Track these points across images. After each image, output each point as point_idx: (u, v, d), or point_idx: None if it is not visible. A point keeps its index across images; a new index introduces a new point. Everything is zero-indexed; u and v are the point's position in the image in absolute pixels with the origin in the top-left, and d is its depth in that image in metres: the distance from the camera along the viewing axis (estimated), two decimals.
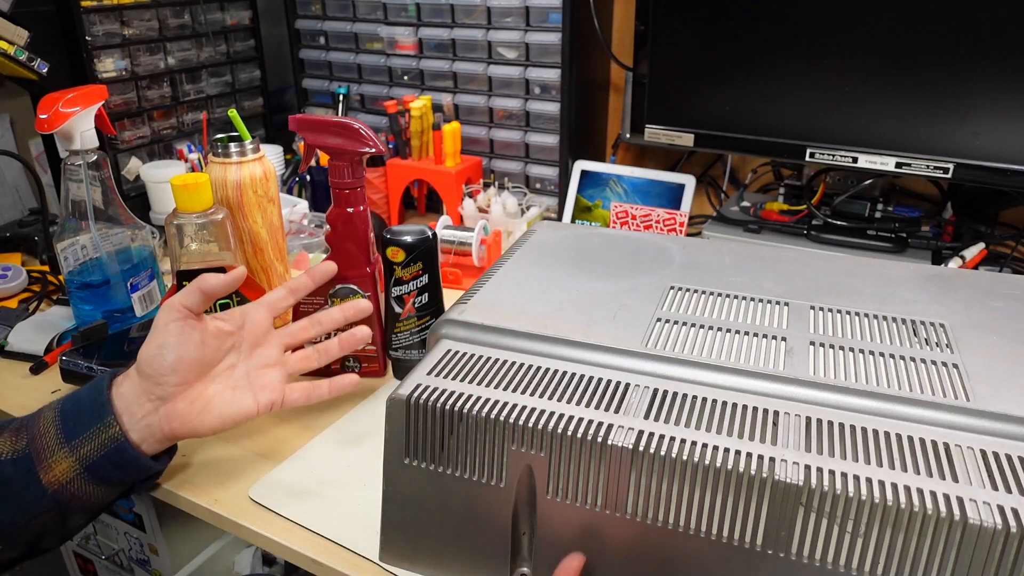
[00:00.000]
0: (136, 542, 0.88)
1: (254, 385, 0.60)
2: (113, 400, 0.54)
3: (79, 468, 0.52)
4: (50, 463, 0.52)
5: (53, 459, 0.52)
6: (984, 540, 0.37)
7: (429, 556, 0.51)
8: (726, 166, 1.20)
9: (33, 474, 0.51)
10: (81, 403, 0.54)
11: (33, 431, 0.53)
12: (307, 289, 0.65)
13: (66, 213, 0.78)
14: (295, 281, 0.64)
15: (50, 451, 0.52)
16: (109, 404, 0.54)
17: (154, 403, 0.55)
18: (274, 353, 0.62)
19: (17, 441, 0.53)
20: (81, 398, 0.55)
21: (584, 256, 0.66)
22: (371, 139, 0.69)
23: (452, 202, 1.14)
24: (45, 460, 0.52)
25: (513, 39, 1.12)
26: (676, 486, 0.42)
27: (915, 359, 0.49)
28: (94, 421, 0.53)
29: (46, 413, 0.54)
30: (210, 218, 0.70)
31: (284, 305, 0.63)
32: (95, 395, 0.54)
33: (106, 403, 0.54)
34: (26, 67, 1.00)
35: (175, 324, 0.56)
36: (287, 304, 0.64)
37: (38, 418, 0.54)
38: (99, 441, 0.53)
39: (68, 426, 0.53)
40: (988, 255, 0.96)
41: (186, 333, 0.56)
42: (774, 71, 0.95)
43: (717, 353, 0.50)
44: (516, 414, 0.45)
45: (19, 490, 0.52)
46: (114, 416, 0.53)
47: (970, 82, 0.85)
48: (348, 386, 0.63)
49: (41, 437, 0.52)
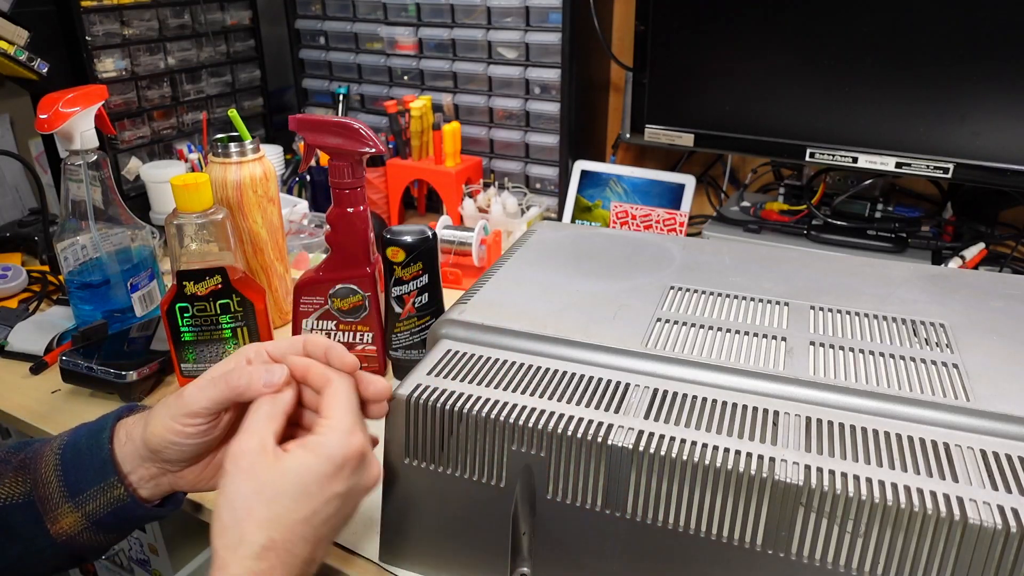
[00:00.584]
0: (136, 542, 0.88)
1: None
2: (116, 459, 0.50)
3: (87, 522, 0.49)
4: (56, 515, 0.49)
5: (59, 512, 0.49)
6: (984, 540, 0.37)
7: (429, 556, 0.51)
8: (726, 166, 1.20)
9: (40, 524, 0.49)
10: (82, 455, 0.50)
11: (35, 477, 0.50)
12: None
13: (66, 213, 0.78)
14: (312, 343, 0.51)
15: (54, 503, 0.49)
16: (112, 463, 0.49)
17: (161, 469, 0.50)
18: None
19: (21, 484, 0.50)
20: (81, 449, 0.50)
21: (584, 256, 0.66)
22: (371, 139, 0.69)
23: (452, 202, 1.14)
24: (51, 512, 0.49)
25: (513, 39, 1.12)
26: (676, 486, 0.42)
27: (915, 359, 0.49)
28: (97, 479, 0.49)
29: (47, 457, 0.50)
30: (210, 218, 0.70)
31: None
32: (96, 449, 0.50)
33: (108, 461, 0.49)
34: (26, 67, 1.00)
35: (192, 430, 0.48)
36: None
37: (39, 462, 0.50)
38: (105, 499, 0.49)
39: (70, 480, 0.49)
40: (988, 255, 0.96)
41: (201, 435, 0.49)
42: (774, 71, 0.95)
43: (717, 353, 0.50)
44: (516, 414, 0.45)
45: (28, 538, 0.49)
46: (118, 477, 0.49)
47: (970, 82, 0.85)
48: None
49: (44, 486, 0.49)
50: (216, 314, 0.70)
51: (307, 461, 0.42)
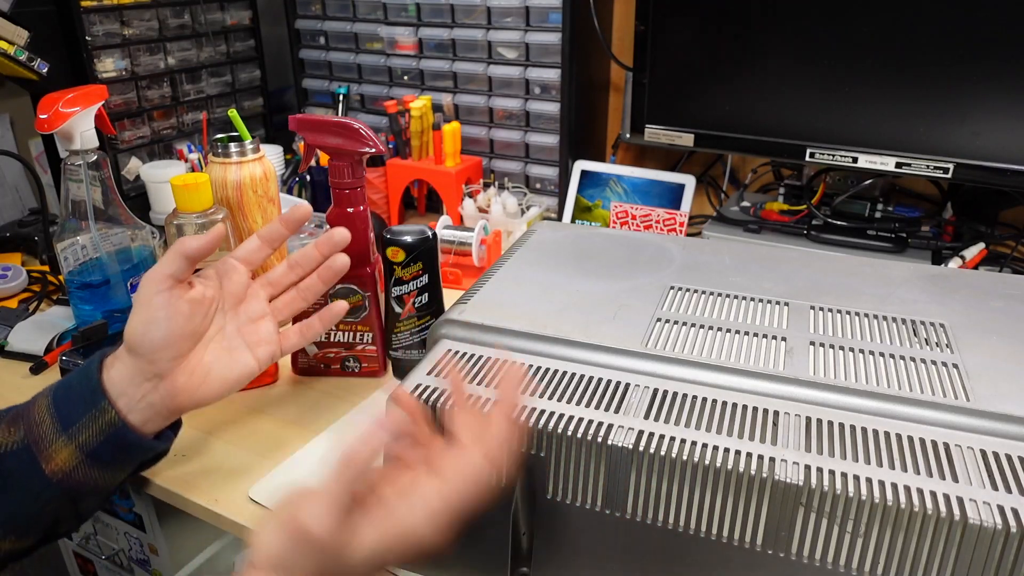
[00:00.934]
0: (136, 542, 0.88)
1: (249, 341, 0.58)
2: (105, 384, 0.52)
3: (81, 455, 0.51)
4: (50, 452, 0.50)
5: (52, 448, 0.50)
6: (984, 540, 0.37)
7: None
8: (726, 166, 1.20)
9: (35, 465, 0.50)
10: (72, 389, 0.52)
11: (28, 421, 0.51)
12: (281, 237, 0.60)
13: (66, 213, 0.78)
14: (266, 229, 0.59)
15: (48, 441, 0.50)
16: (101, 388, 0.51)
17: (152, 382, 0.52)
18: (260, 306, 0.59)
19: (13, 433, 0.51)
20: (72, 384, 0.52)
21: (584, 256, 0.66)
22: (371, 139, 0.69)
23: (452, 202, 1.14)
24: (45, 450, 0.50)
25: (513, 39, 1.12)
26: (676, 486, 0.42)
27: (915, 359, 0.49)
28: (88, 408, 0.51)
29: (39, 401, 0.52)
30: (210, 218, 0.70)
31: (260, 256, 0.59)
32: (86, 380, 0.52)
33: (97, 387, 0.51)
34: (26, 67, 1.00)
35: (161, 296, 0.52)
36: (263, 255, 0.59)
37: (32, 408, 0.52)
38: (97, 427, 0.51)
39: (63, 414, 0.51)
40: (988, 255, 0.96)
41: (173, 305, 0.52)
42: (774, 71, 0.95)
43: (717, 353, 0.50)
44: (516, 414, 0.45)
45: (23, 482, 0.50)
46: (108, 401, 0.51)
47: (970, 82, 0.85)
48: (339, 314, 0.62)
49: (37, 427, 0.51)
50: None
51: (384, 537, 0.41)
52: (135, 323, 0.52)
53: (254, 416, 0.70)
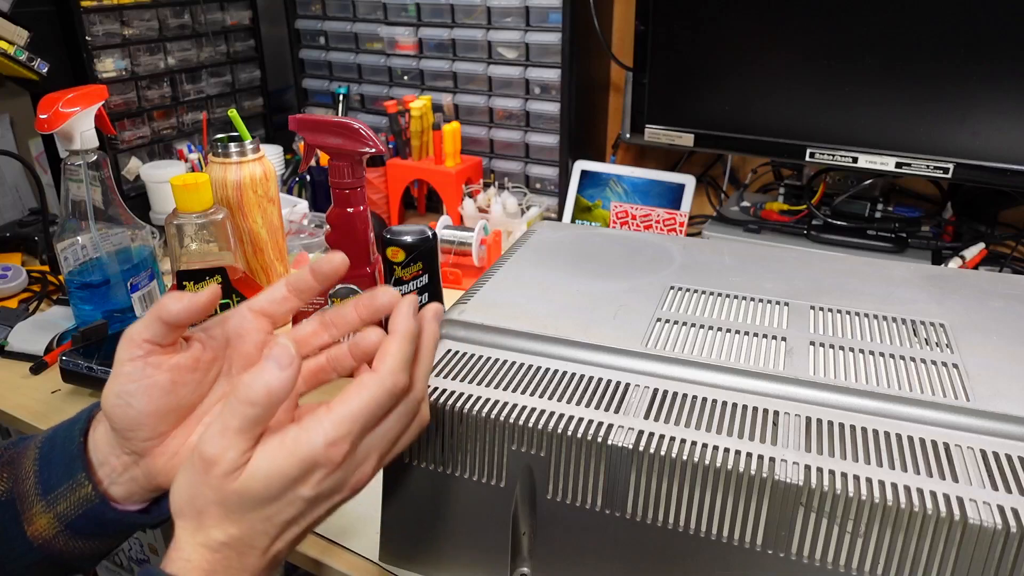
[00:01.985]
0: (136, 542, 0.88)
1: None
2: (88, 449, 0.45)
3: (59, 526, 0.44)
4: (31, 515, 0.44)
5: (33, 511, 0.44)
6: (984, 540, 0.37)
7: (429, 556, 0.51)
8: (726, 166, 1.20)
9: (18, 525, 0.44)
10: (56, 447, 0.45)
11: (17, 472, 0.45)
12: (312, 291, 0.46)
13: (66, 213, 0.78)
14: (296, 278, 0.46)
15: (30, 502, 0.44)
16: (81, 458, 0.44)
17: (131, 457, 0.44)
18: None
19: (5, 480, 0.46)
20: (57, 442, 0.46)
21: (584, 256, 0.66)
22: (371, 139, 0.69)
23: (452, 202, 1.14)
24: (27, 511, 0.44)
25: (513, 39, 1.12)
26: (676, 486, 0.42)
27: (915, 359, 0.49)
28: (67, 476, 0.44)
29: (30, 451, 0.46)
30: (210, 218, 0.70)
31: (284, 309, 0.47)
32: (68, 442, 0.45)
33: (77, 456, 0.44)
34: (26, 67, 1.00)
35: (134, 365, 0.43)
36: (288, 308, 0.47)
37: (23, 456, 0.46)
38: (74, 499, 0.44)
39: (44, 476, 0.45)
40: (988, 255, 0.96)
41: (149, 375, 0.43)
42: (774, 71, 0.95)
43: (717, 353, 0.50)
44: (516, 414, 0.45)
45: (8, 539, 0.45)
46: (86, 473, 0.44)
47: (970, 82, 0.85)
48: None
49: (22, 483, 0.45)
50: (216, 314, 0.70)
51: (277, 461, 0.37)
52: (107, 393, 0.43)
53: None
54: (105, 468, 0.45)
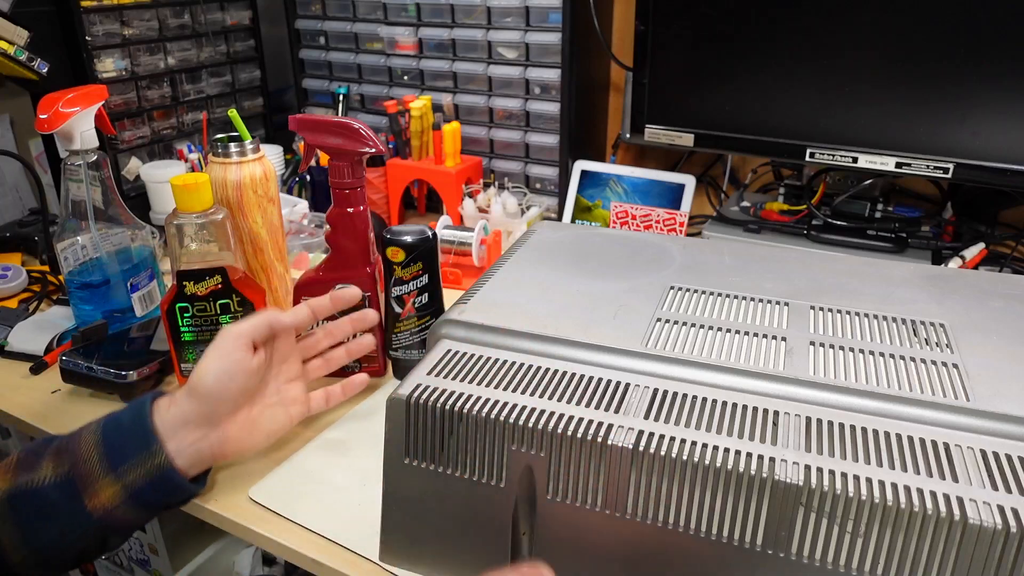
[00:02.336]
0: (136, 542, 0.88)
1: (285, 400, 0.62)
2: (157, 426, 0.53)
3: (125, 495, 0.52)
4: (95, 489, 0.51)
5: (98, 485, 0.51)
6: (984, 540, 0.37)
7: (429, 556, 0.51)
8: (726, 166, 1.20)
9: (78, 499, 0.51)
10: (123, 428, 0.54)
11: (75, 455, 0.52)
12: (326, 312, 0.64)
13: (66, 213, 0.78)
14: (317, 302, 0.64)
15: (95, 477, 0.51)
16: (154, 431, 0.53)
17: (204, 429, 0.55)
18: (296, 367, 0.64)
19: (59, 465, 0.52)
20: (123, 422, 0.54)
21: (584, 256, 0.66)
22: (371, 139, 0.69)
23: (452, 202, 1.14)
24: (90, 486, 0.51)
25: (513, 39, 1.12)
26: (676, 486, 0.42)
27: (915, 359, 0.49)
28: (140, 448, 0.52)
29: (86, 437, 0.53)
30: (210, 218, 0.70)
31: (308, 324, 0.63)
32: (138, 420, 0.54)
33: (150, 429, 0.53)
34: (26, 67, 1.00)
35: (240, 353, 0.56)
36: (310, 323, 0.63)
37: (78, 441, 0.53)
38: (145, 468, 0.52)
39: (113, 452, 0.52)
40: (988, 255, 0.96)
41: (248, 362, 0.56)
42: (774, 71, 0.95)
43: (717, 353, 0.50)
44: (516, 414, 0.45)
45: (65, 515, 0.51)
46: (160, 444, 0.53)
47: (970, 82, 0.85)
48: (360, 386, 0.66)
49: (84, 463, 0.52)
50: (216, 314, 0.70)
51: None
52: (210, 371, 0.55)
53: None
54: (173, 442, 0.53)
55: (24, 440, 0.98)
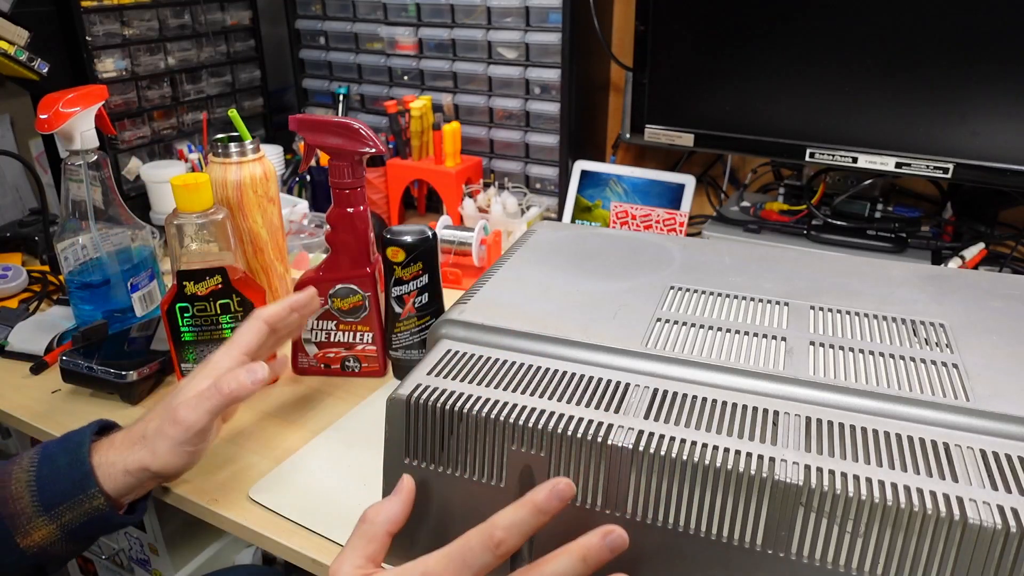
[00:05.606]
0: (136, 542, 0.88)
1: None
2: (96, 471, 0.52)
3: (60, 533, 0.51)
4: (28, 529, 0.51)
5: (31, 525, 0.51)
6: (984, 540, 0.37)
7: None
8: (726, 166, 1.20)
9: (9, 539, 0.50)
10: (59, 471, 0.52)
11: (4, 494, 0.51)
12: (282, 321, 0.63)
13: (66, 213, 0.78)
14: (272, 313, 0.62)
15: (27, 518, 0.50)
16: (93, 476, 0.52)
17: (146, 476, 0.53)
18: None
19: None
20: (58, 464, 0.52)
21: (584, 256, 0.66)
22: (371, 139, 0.69)
23: (452, 202, 1.14)
24: (23, 526, 0.50)
25: (513, 39, 1.12)
26: (676, 486, 0.42)
27: (915, 359, 0.49)
28: (76, 492, 0.51)
29: (17, 474, 0.52)
30: (210, 218, 0.70)
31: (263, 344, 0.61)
32: (76, 464, 0.52)
33: (88, 475, 0.51)
34: (26, 67, 1.00)
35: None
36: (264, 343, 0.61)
37: (9, 480, 0.52)
38: (82, 510, 0.51)
39: (45, 494, 0.51)
40: (988, 255, 0.96)
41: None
42: (774, 71, 0.95)
43: (717, 353, 0.50)
44: (516, 414, 0.45)
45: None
46: (98, 487, 0.51)
47: (970, 82, 0.85)
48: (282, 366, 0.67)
49: (15, 502, 0.51)
50: (216, 314, 0.70)
51: None
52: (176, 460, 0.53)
53: (254, 416, 0.70)
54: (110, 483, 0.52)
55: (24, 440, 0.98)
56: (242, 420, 0.70)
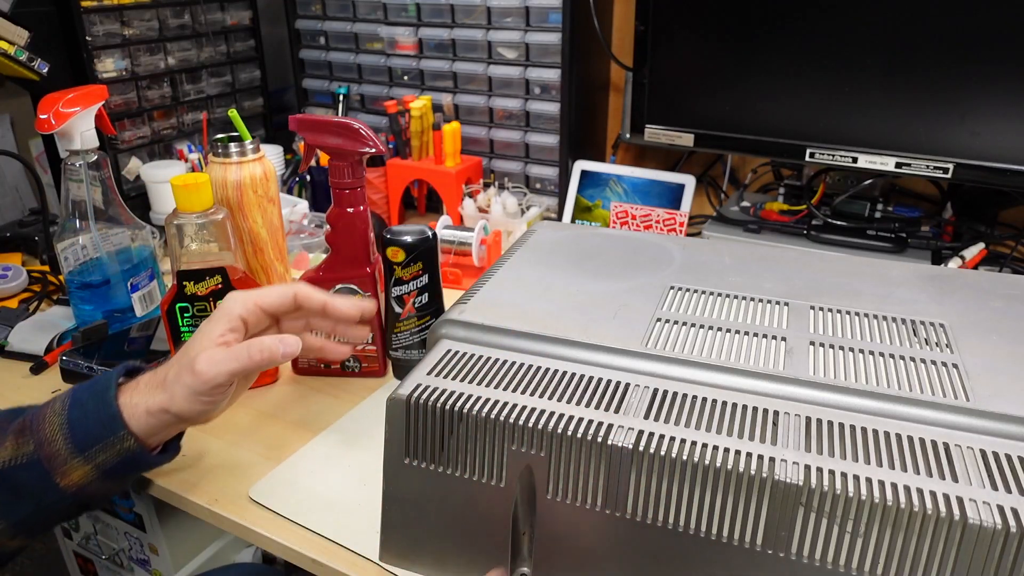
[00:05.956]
0: (136, 542, 0.88)
1: None
2: (123, 413, 0.53)
3: (97, 473, 0.53)
4: (65, 470, 0.52)
5: (67, 467, 0.52)
6: (984, 540, 0.37)
7: (429, 556, 0.51)
8: (726, 166, 1.20)
9: (49, 479, 0.52)
10: (88, 414, 0.53)
11: (39, 436, 0.52)
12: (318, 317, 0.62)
13: (66, 213, 0.78)
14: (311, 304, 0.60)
15: (63, 459, 0.52)
16: (120, 418, 0.53)
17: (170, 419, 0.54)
18: None
19: (23, 445, 0.52)
20: (87, 407, 0.53)
21: (584, 256, 0.66)
22: (371, 139, 0.69)
23: (452, 202, 1.14)
24: (59, 467, 0.52)
25: (513, 39, 1.12)
26: (676, 486, 0.42)
27: (915, 359, 0.49)
28: (106, 433, 0.52)
29: (50, 418, 0.53)
30: (210, 218, 0.70)
31: None
32: (104, 406, 0.53)
33: (117, 416, 0.53)
34: (26, 67, 1.00)
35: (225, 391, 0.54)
36: None
37: (41, 422, 0.53)
38: (114, 451, 0.53)
39: (78, 436, 0.52)
40: (988, 255, 0.96)
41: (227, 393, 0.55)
42: (774, 71, 0.95)
43: (717, 353, 0.50)
44: (516, 414, 0.45)
45: (37, 493, 0.52)
46: (127, 430, 0.53)
47: (970, 82, 0.85)
48: None
49: (49, 444, 0.52)
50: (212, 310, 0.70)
51: None
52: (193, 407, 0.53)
53: (254, 416, 0.70)
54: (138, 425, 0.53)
55: None
56: (242, 420, 0.70)
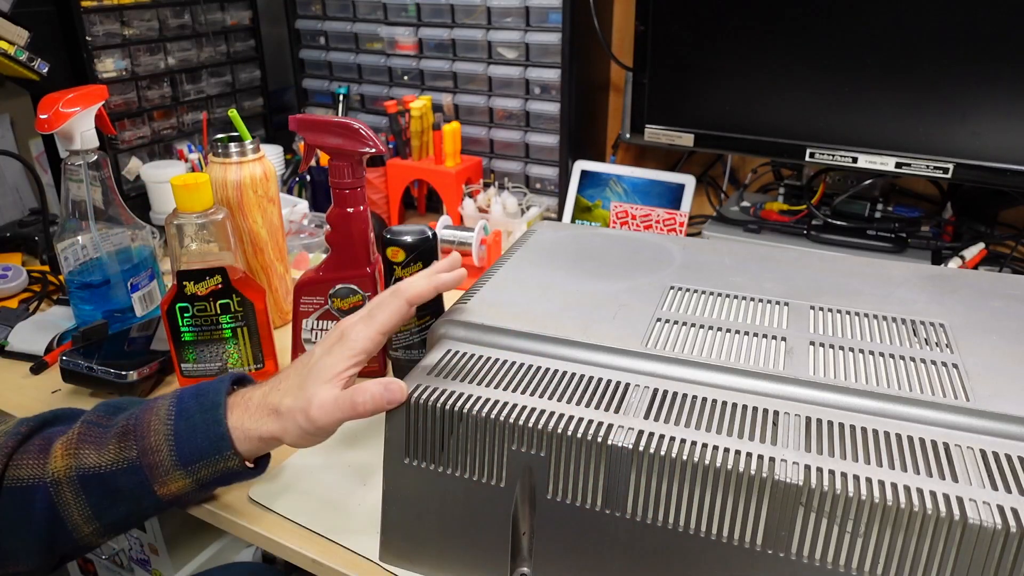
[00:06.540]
0: (136, 542, 0.88)
1: None
2: (232, 434, 0.53)
3: (195, 486, 0.54)
4: (165, 480, 0.53)
5: (168, 477, 0.53)
6: (984, 540, 0.37)
7: (429, 556, 0.51)
8: (726, 166, 1.20)
9: (148, 487, 0.53)
10: (196, 428, 0.53)
11: (143, 444, 0.53)
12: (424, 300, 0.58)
13: (66, 213, 0.78)
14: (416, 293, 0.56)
15: (165, 470, 0.53)
16: (229, 439, 0.53)
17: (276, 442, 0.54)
18: None
19: (125, 450, 0.53)
20: (195, 422, 0.54)
21: (584, 256, 0.66)
22: (371, 139, 0.69)
23: (452, 202, 1.14)
24: (160, 477, 0.53)
25: (513, 39, 1.12)
26: (676, 486, 0.42)
27: (915, 359, 0.49)
28: (212, 452, 0.53)
29: (155, 426, 0.53)
30: (210, 218, 0.70)
31: None
32: (213, 425, 0.53)
33: (225, 436, 0.53)
34: (26, 67, 1.00)
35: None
36: None
37: (146, 429, 0.53)
38: (217, 468, 0.54)
39: (183, 450, 0.53)
40: (988, 255, 0.96)
41: None
42: (774, 71, 0.95)
43: (717, 353, 0.50)
44: (516, 414, 0.45)
45: (135, 499, 0.53)
46: (234, 451, 0.53)
47: (970, 82, 0.85)
48: None
49: (154, 453, 0.53)
50: (216, 314, 0.70)
51: None
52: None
53: None
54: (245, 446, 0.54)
55: None
56: None
